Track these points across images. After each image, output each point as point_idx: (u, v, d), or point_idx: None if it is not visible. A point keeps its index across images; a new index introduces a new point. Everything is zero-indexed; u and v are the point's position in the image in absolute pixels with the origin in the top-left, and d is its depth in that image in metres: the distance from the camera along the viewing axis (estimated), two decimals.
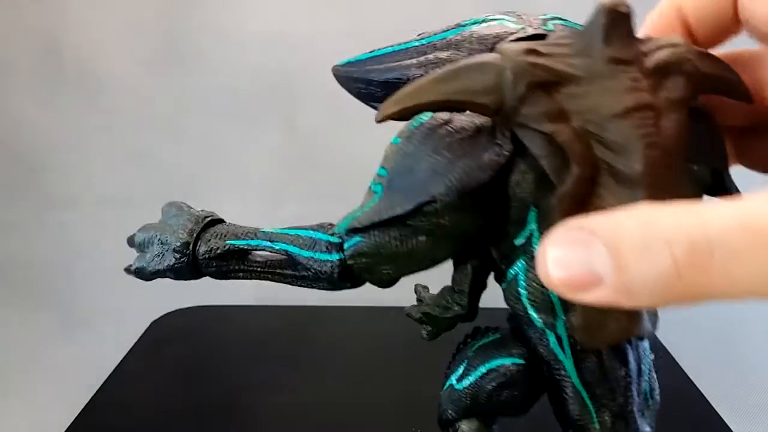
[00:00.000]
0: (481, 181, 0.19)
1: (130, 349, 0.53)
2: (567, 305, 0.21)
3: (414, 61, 0.21)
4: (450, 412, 0.26)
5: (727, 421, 0.42)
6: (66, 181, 0.65)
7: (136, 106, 0.62)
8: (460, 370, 0.25)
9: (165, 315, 0.59)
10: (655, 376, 0.25)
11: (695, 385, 0.47)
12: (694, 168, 0.21)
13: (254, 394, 0.46)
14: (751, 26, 0.19)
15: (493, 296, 0.24)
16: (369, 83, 0.22)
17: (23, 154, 0.65)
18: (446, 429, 0.27)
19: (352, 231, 0.21)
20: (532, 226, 0.20)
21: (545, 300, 0.21)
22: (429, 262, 0.22)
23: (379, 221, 0.20)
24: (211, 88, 0.60)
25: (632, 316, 0.19)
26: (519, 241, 0.21)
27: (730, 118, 0.21)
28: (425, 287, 0.28)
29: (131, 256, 0.26)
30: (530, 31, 0.21)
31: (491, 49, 0.20)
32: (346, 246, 0.22)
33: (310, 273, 0.22)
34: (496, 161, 0.19)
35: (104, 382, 0.48)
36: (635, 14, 0.18)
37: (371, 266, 0.22)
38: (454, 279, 0.25)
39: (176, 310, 0.60)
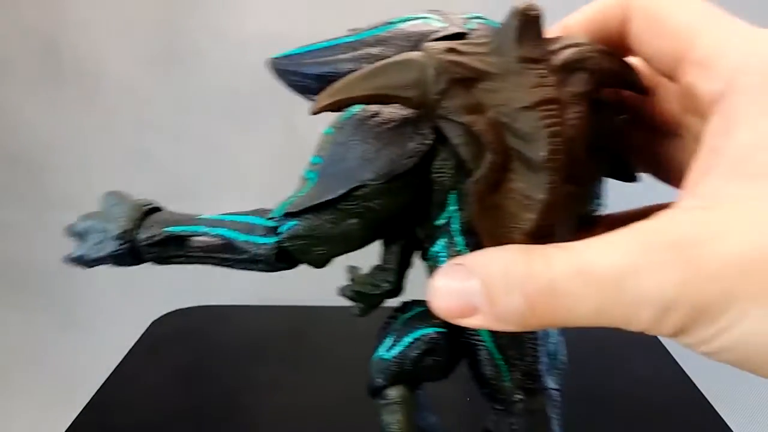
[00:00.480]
0: (406, 168, 0.21)
1: (130, 349, 0.53)
2: None
3: (347, 56, 0.23)
4: (379, 380, 0.27)
5: (727, 421, 0.42)
6: (66, 181, 0.65)
7: (135, 106, 0.62)
8: (389, 341, 0.27)
9: (165, 315, 0.59)
10: (562, 339, 0.28)
11: (695, 385, 0.47)
12: (598, 154, 0.22)
13: (254, 394, 0.46)
14: (651, 60, 0.21)
15: None
16: (305, 76, 0.24)
17: (23, 154, 0.65)
18: (375, 396, 0.28)
19: (288, 215, 0.23)
20: (452, 207, 0.22)
21: None
22: (359, 242, 0.24)
23: (312, 205, 0.22)
24: (211, 88, 0.60)
25: None
26: (440, 221, 0.23)
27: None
28: (356, 268, 0.29)
29: None
30: (453, 30, 0.23)
31: (416, 46, 0.22)
32: (281, 229, 0.23)
33: (247, 256, 0.24)
34: (420, 149, 0.21)
35: (104, 382, 0.48)
36: (545, 16, 0.20)
37: (306, 248, 0.23)
38: (382, 258, 0.27)
39: (176, 310, 0.60)
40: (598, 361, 0.51)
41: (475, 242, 0.22)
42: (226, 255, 0.24)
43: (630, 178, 0.25)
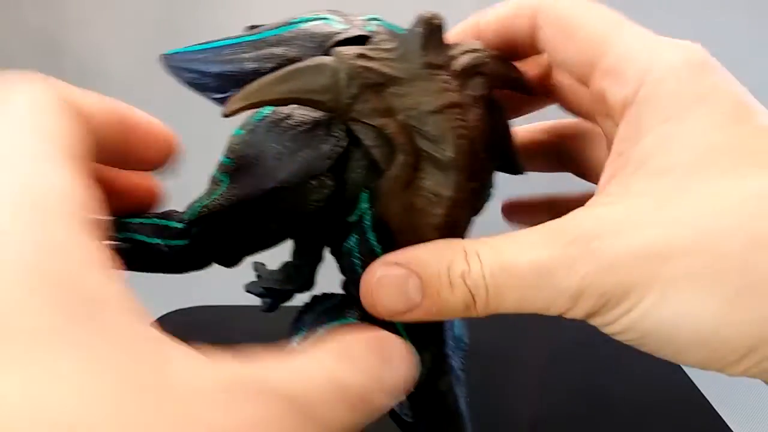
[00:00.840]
0: (321, 169, 0.22)
1: None
2: None
3: (250, 54, 0.23)
4: None
5: (727, 421, 0.42)
6: None
7: (135, 106, 0.62)
8: (300, 334, 0.28)
9: (165, 315, 0.59)
10: (464, 323, 0.29)
11: (695, 385, 0.47)
12: (491, 151, 0.25)
13: None
14: (562, 65, 0.22)
15: None
16: (204, 74, 0.24)
17: None
18: None
19: (201, 218, 0.23)
20: (364, 205, 0.23)
21: None
22: (272, 241, 0.24)
23: (228, 206, 0.22)
24: None
25: None
26: (352, 218, 0.24)
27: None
28: (263, 264, 0.31)
29: None
30: (355, 32, 0.23)
31: (321, 47, 0.23)
32: (193, 232, 0.23)
33: (159, 259, 0.24)
34: (335, 151, 0.22)
35: None
36: (447, 23, 0.21)
37: (220, 249, 0.24)
38: (294, 254, 0.28)
39: (176, 310, 0.60)
40: (598, 361, 0.51)
41: (387, 237, 0.23)
42: (134, 259, 0.24)
43: (517, 171, 0.27)
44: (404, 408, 0.30)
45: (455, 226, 0.23)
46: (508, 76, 0.25)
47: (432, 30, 0.21)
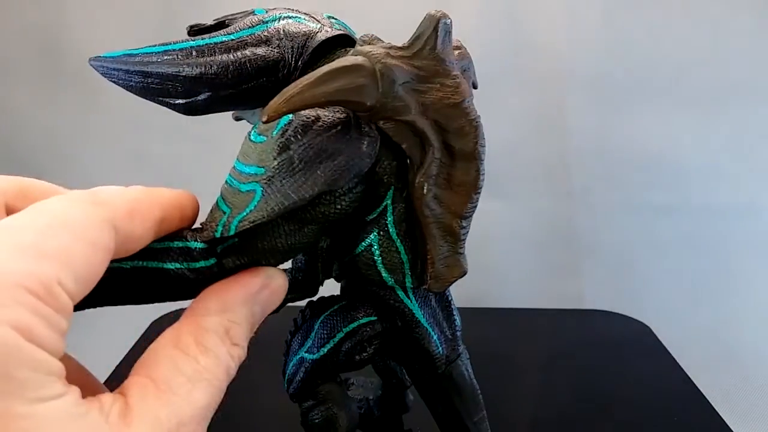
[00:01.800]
0: (365, 168, 0.22)
1: (130, 349, 0.53)
2: (413, 264, 0.25)
3: (230, 56, 0.23)
4: (303, 382, 0.29)
5: (727, 421, 0.42)
6: (66, 181, 0.65)
7: (136, 106, 0.62)
8: (309, 342, 0.28)
9: (165, 315, 0.59)
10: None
11: (695, 385, 0.47)
12: None
13: (254, 394, 0.45)
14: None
15: (498, 297, 0.26)
16: (167, 78, 0.23)
17: (22, 153, 0.65)
18: (301, 399, 0.30)
19: (238, 234, 0.21)
20: (387, 201, 0.24)
21: (397, 262, 0.25)
22: (302, 249, 0.24)
23: (271, 217, 0.20)
24: None
25: (461, 263, 0.25)
26: (371, 216, 0.25)
27: None
28: None
29: None
30: (330, 31, 0.24)
31: (305, 46, 0.24)
32: (220, 249, 0.21)
33: (179, 284, 0.21)
34: (373, 149, 0.22)
35: (104, 382, 0.48)
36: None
37: (250, 263, 0.22)
38: (304, 261, 0.27)
39: (176, 311, 0.60)
40: (598, 361, 0.51)
41: (406, 231, 0.24)
42: (153, 289, 0.21)
43: None
44: (361, 403, 0.31)
45: (473, 213, 0.24)
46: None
47: (443, 29, 0.22)
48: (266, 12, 0.25)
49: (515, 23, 0.65)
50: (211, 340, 0.18)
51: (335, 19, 0.26)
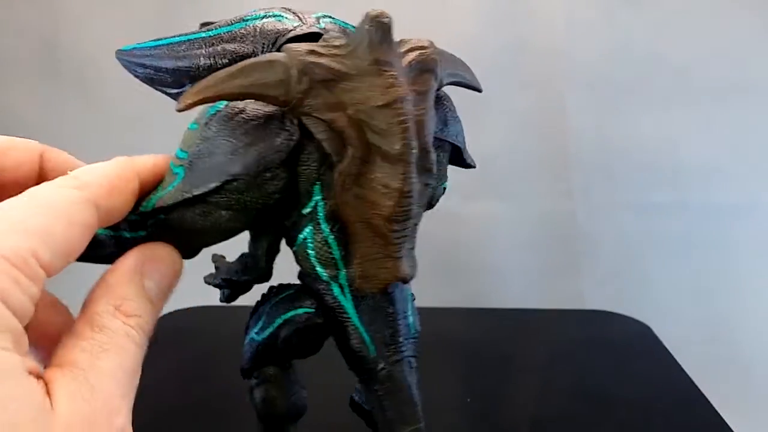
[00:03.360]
0: (274, 162, 0.23)
1: None
2: (346, 261, 0.25)
3: (203, 51, 0.24)
4: (250, 361, 0.30)
5: (727, 421, 0.42)
6: None
7: (135, 105, 0.62)
8: (260, 323, 0.29)
9: (165, 315, 0.58)
10: (416, 312, 0.30)
11: (695, 385, 0.47)
12: (440, 144, 0.26)
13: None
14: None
15: (498, 297, 0.25)
16: (158, 70, 0.25)
17: None
18: (248, 376, 0.31)
19: (157, 210, 0.23)
20: (317, 196, 0.24)
21: (329, 257, 0.25)
22: (228, 233, 0.25)
23: (182, 200, 0.23)
24: None
25: (398, 266, 0.25)
26: (306, 210, 0.25)
27: None
28: (222, 256, 0.31)
29: None
30: (306, 29, 0.24)
31: (274, 43, 0.24)
32: (149, 223, 0.24)
33: (115, 250, 0.24)
34: (287, 144, 0.23)
35: None
36: (395, 22, 0.22)
37: (176, 240, 0.24)
38: (251, 246, 0.28)
39: (176, 310, 0.60)
40: (598, 361, 0.51)
41: (340, 228, 0.24)
42: (90, 252, 0.23)
43: (468, 165, 0.29)
44: (363, 397, 0.31)
45: (407, 218, 0.24)
46: (455, 73, 0.26)
47: (379, 28, 0.22)
48: (259, 11, 0.25)
49: (515, 23, 0.65)
50: (102, 320, 0.19)
51: (330, 17, 0.26)
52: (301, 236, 0.25)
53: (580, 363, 0.51)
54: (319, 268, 0.26)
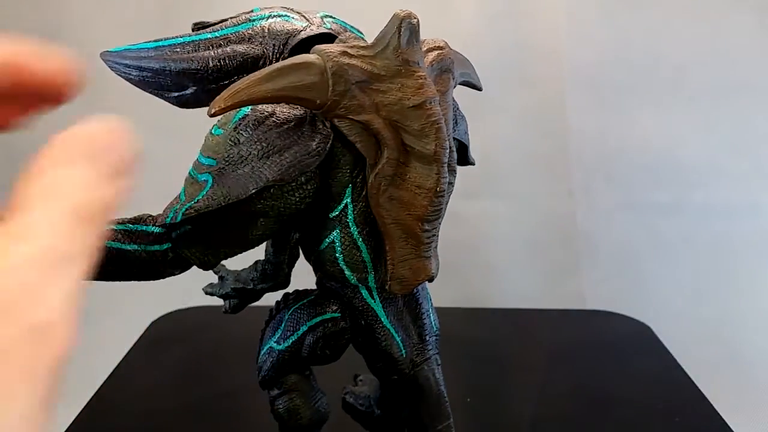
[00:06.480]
0: (312, 165, 0.22)
1: (130, 349, 0.53)
2: (375, 264, 0.25)
3: (212, 53, 0.23)
4: (271, 371, 0.29)
5: (727, 421, 0.42)
6: None
7: (135, 106, 0.62)
8: (279, 333, 0.28)
9: (165, 315, 0.59)
10: (433, 309, 0.30)
11: (695, 385, 0.47)
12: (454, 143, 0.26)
13: (254, 394, 0.45)
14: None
15: (498, 297, 0.25)
16: (158, 72, 0.24)
17: (22, 153, 0.65)
18: (268, 387, 0.30)
19: (185, 221, 0.22)
20: (347, 199, 0.24)
21: (359, 260, 0.25)
22: (256, 241, 0.24)
23: (217, 207, 0.22)
24: None
25: (427, 266, 0.25)
26: (334, 213, 0.24)
27: None
28: (224, 267, 0.30)
29: None
30: (315, 29, 0.24)
31: (286, 44, 0.24)
32: (174, 235, 0.23)
33: (137, 265, 0.23)
34: (323, 147, 0.22)
35: (104, 382, 0.48)
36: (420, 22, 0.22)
37: (204, 251, 0.23)
38: (273, 253, 0.28)
39: (176, 310, 0.60)
40: (598, 361, 0.51)
41: (369, 231, 0.24)
42: (110, 267, 0.23)
43: (468, 162, 0.29)
44: (364, 401, 0.31)
45: (437, 217, 0.24)
46: (465, 73, 0.26)
47: (408, 28, 0.22)
48: (260, 10, 0.25)
49: (515, 23, 0.65)
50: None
51: (332, 17, 0.26)
52: (327, 240, 0.25)
53: (580, 363, 0.51)
54: (347, 272, 0.25)
